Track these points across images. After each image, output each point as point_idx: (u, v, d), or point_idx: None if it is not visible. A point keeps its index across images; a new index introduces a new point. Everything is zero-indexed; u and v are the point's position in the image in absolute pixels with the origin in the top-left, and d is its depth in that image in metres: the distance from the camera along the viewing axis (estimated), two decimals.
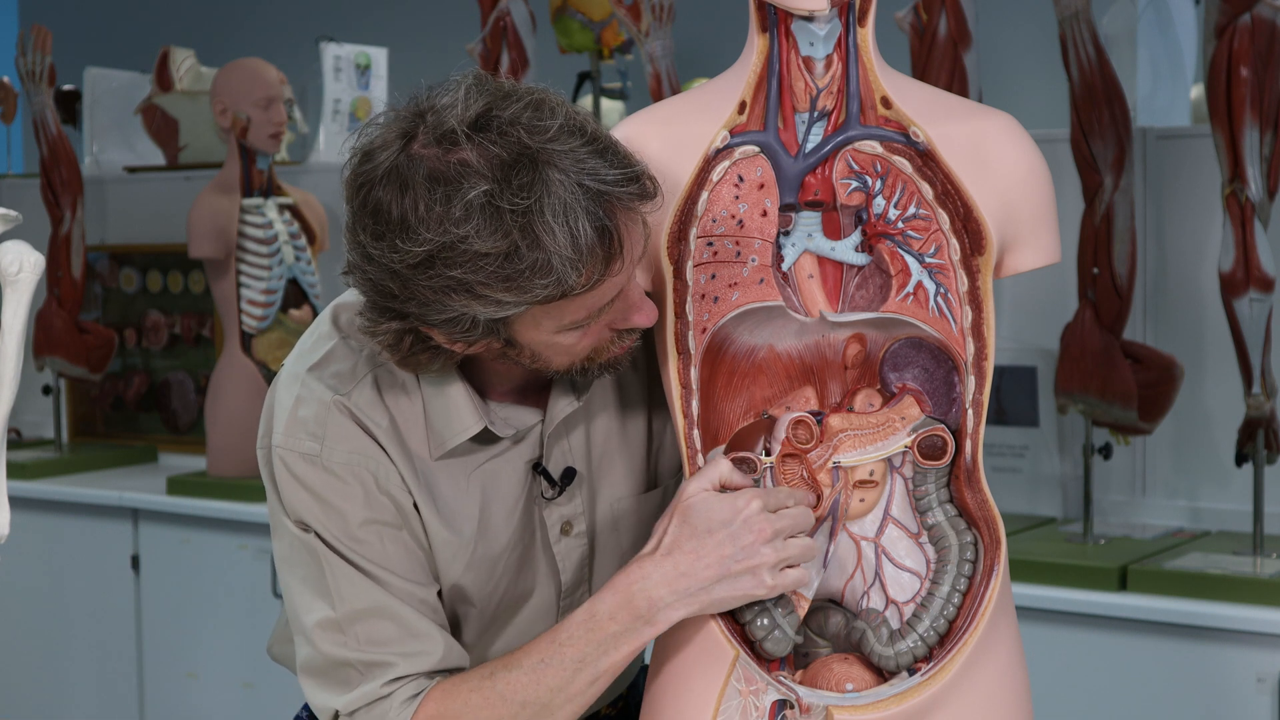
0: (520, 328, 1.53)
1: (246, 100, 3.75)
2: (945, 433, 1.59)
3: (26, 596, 4.05)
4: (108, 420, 4.59)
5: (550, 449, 1.69)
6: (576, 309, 1.51)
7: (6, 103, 4.77)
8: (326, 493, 1.62)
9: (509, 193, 1.43)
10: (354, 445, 1.62)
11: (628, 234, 1.49)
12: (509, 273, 1.45)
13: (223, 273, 3.80)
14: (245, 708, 3.73)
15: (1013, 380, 3.20)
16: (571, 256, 1.44)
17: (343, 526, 1.62)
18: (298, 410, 1.63)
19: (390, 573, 1.62)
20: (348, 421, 1.62)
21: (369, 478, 1.62)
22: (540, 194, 1.44)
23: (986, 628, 1.55)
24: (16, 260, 1.48)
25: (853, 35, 1.56)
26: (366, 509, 1.62)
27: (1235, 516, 3.02)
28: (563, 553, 1.72)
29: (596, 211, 1.45)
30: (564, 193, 1.44)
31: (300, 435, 1.63)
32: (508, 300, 1.47)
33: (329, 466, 1.62)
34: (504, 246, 1.44)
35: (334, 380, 1.64)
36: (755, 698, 1.55)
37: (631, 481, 1.76)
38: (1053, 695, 2.65)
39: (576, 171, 1.45)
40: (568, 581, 1.73)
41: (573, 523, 1.72)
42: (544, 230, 1.43)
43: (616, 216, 1.47)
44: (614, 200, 1.47)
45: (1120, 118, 2.82)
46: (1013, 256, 1.59)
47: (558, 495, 1.70)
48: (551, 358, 1.57)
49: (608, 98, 4.11)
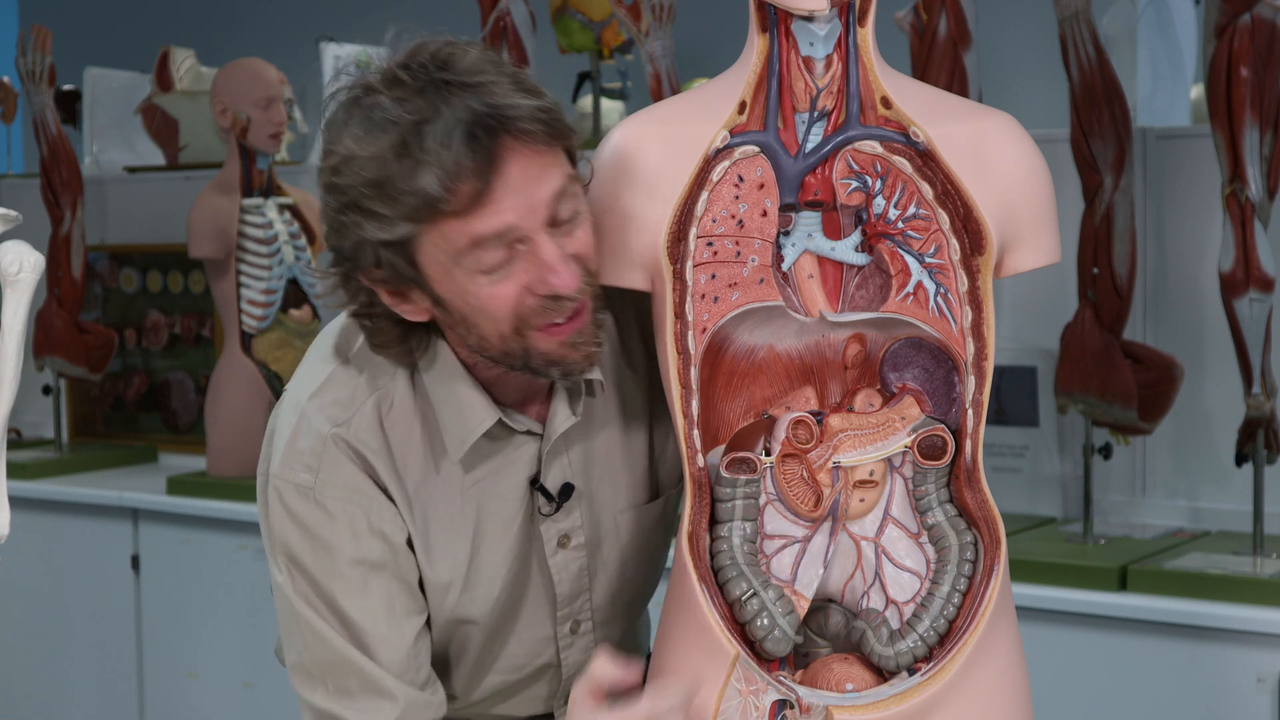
0: (429, 271, 1.53)
1: (246, 100, 3.75)
2: (945, 433, 1.59)
3: (26, 596, 4.05)
4: (108, 420, 4.59)
5: (548, 464, 1.69)
6: (459, 235, 1.49)
7: (6, 103, 4.77)
8: (316, 527, 1.62)
9: (398, 106, 1.48)
10: (349, 480, 1.62)
11: (517, 165, 1.48)
12: (381, 179, 1.47)
13: (223, 273, 3.80)
14: (245, 708, 3.73)
15: (1013, 380, 3.20)
16: (438, 168, 1.45)
17: (328, 562, 1.62)
18: (296, 440, 1.64)
19: (365, 619, 1.62)
20: (344, 456, 1.63)
21: (360, 516, 1.62)
22: (426, 109, 1.47)
23: (986, 628, 1.55)
24: (16, 260, 1.48)
25: (853, 35, 1.56)
26: (354, 547, 1.62)
27: (1235, 516, 3.01)
28: (559, 565, 1.72)
29: (478, 133, 1.46)
30: (450, 111, 1.47)
31: (296, 466, 1.63)
32: (385, 214, 1.49)
33: (321, 500, 1.62)
34: (378, 150, 1.47)
35: (334, 409, 1.64)
36: (755, 698, 1.55)
37: (633, 493, 1.76)
38: (1053, 695, 2.65)
39: (474, 96, 1.48)
40: (563, 593, 1.74)
41: (571, 535, 1.72)
42: (416, 138, 1.46)
43: (503, 143, 1.47)
44: (506, 128, 1.47)
45: (1120, 118, 2.82)
46: (1013, 256, 1.59)
47: (555, 512, 1.70)
48: (480, 322, 1.55)
49: (608, 98, 4.11)
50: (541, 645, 1.76)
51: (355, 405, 1.64)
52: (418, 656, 1.65)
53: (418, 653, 1.65)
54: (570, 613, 1.75)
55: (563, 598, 1.74)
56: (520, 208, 1.50)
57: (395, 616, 1.64)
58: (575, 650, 1.77)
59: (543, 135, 1.50)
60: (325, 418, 1.64)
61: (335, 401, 1.64)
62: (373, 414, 1.64)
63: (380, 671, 1.62)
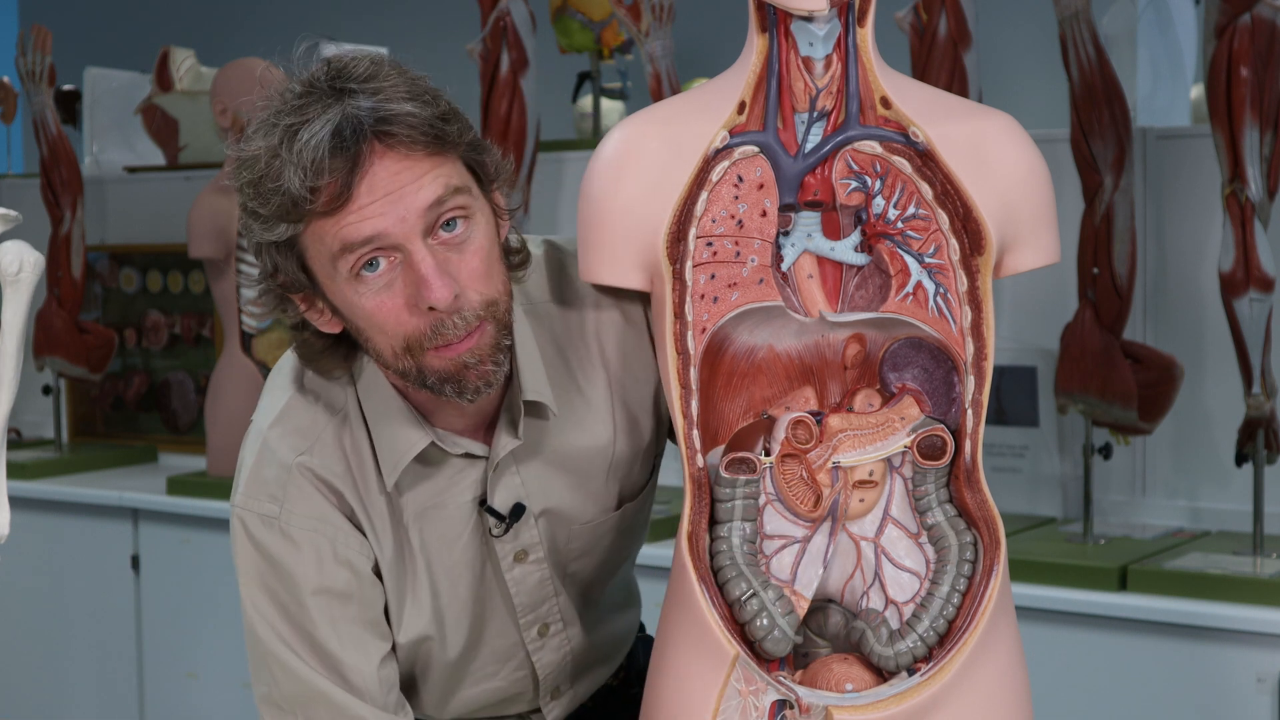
0: (319, 276, 1.54)
1: (247, 100, 3.74)
2: (945, 433, 1.59)
3: (26, 596, 4.05)
4: (108, 420, 4.59)
5: (494, 485, 1.68)
6: (331, 237, 1.49)
7: (6, 103, 4.77)
8: (281, 556, 1.62)
9: (285, 112, 1.50)
10: (314, 510, 1.63)
11: (385, 171, 1.48)
12: (256, 178, 1.49)
13: (222, 273, 3.80)
14: (245, 708, 3.73)
15: (1013, 380, 3.20)
16: (301, 168, 1.46)
17: (294, 591, 1.62)
18: (260, 470, 1.64)
19: (333, 646, 1.62)
20: (310, 486, 1.63)
21: (326, 545, 1.63)
22: (308, 113, 1.48)
23: (986, 628, 1.55)
24: (16, 260, 1.48)
25: (852, 35, 1.56)
26: (319, 576, 1.62)
27: (1235, 516, 3.01)
28: (516, 579, 1.72)
29: (345, 133, 1.46)
30: (328, 114, 1.47)
31: (260, 496, 1.63)
32: (263, 213, 1.50)
33: (286, 530, 1.62)
34: (258, 152, 1.49)
35: (295, 438, 1.64)
36: (755, 698, 1.55)
37: (598, 502, 1.75)
38: (1053, 695, 2.65)
39: (357, 100, 1.48)
40: (522, 603, 1.74)
41: (529, 550, 1.72)
42: (288, 140, 1.47)
43: (370, 146, 1.47)
44: (377, 130, 1.47)
45: (1120, 118, 2.82)
46: (1012, 256, 1.59)
47: (504, 533, 1.69)
48: (373, 336, 1.55)
49: (608, 98, 4.11)
50: (511, 650, 1.77)
51: (316, 432, 1.64)
52: (386, 681, 1.66)
53: (387, 676, 1.66)
54: (536, 618, 1.75)
55: (522, 607, 1.74)
56: (390, 214, 1.49)
57: (362, 643, 1.64)
58: (547, 651, 1.78)
59: (417, 141, 1.49)
60: (288, 446, 1.64)
61: (296, 429, 1.64)
62: (334, 440, 1.65)
63: (350, 699, 1.62)
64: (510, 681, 1.79)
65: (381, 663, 1.65)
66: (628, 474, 1.77)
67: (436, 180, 1.50)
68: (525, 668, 1.78)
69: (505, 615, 1.74)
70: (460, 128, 1.54)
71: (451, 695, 1.78)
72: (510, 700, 1.81)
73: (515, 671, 1.78)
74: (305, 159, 1.46)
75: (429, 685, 1.76)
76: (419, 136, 1.49)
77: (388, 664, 1.67)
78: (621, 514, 1.78)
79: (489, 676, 1.77)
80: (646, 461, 1.79)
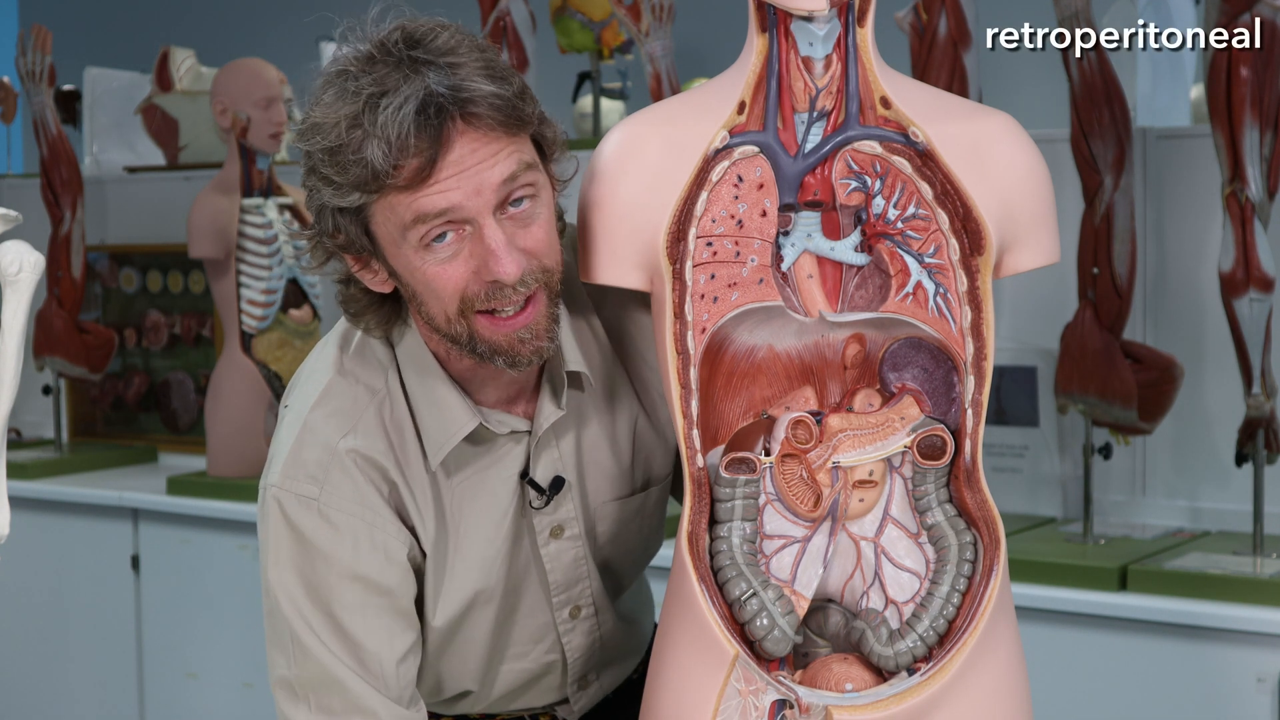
0: (382, 241, 1.55)
1: (246, 100, 3.75)
2: (944, 433, 1.59)
3: (26, 596, 4.05)
4: (108, 420, 4.59)
5: (537, 457, 1.70)
6: (405, 210, 1.51)
7: (6, 103, 4.77)
8: (317, 538, 1.62)
9: (364, 79, 1.50)
10: (355, 495, 1.63)
11: (466, 147, 1.50)
12: (336, 147, 1.50)
13: (223, 273, 3.80)
14: (245, 708, 3.73)
15: (1013, 380, 3.20)
16: (385, 142, 1.47)
17: (326, 574, 1.62)
18: (300, 452, 1.64)
19: (359, 632, 1.62)
20: (353, 470, 1.63)
21: (364, 530, 1.63)
22: (387, 83, 1.49)
23: (986, 628, 1.55)
24: (16, 260, 1.48)
25: (852, 35, 1.56)
26: (354, 561, 1.62)
27: (1235, 516, 3.01)
28: (551, 554, 1.73)
29: (429, 111, 1.48)
30: (407, 87, 1.49)
31: (300, 477, 1.63)
32: (339, 181, 1.51)
33: (325, 512, 1.62)
34: (336, 119, 1.50)
35: (338, 419, 1.65)
36: (755, 697, 1.55)
37: (619, 485, 1.77)
38: (1053, 695, 2.65)
39: (437, 75, 1.49)
40: (557, 581, 1.75)
41: (565, 526, 1.73)
42: (370, 111, 1.48)
43: (453, 124, 1.49)
44: (460, 109, 1.49)
45: (1120, 118, 2.82)
46: (1012, 256, 1.59)
47: (546, 504, 1.70)
48: (428, 300, 1.57)
49: (608, 98, 4.11)
50: (543, 630, 1.78)
51: (358, 413, 1.65)
52: (406, 674, 1.66)
53: (406, 670, 1.66)
54: (569, 599, 1.76)
55: (556, 585, 1.75)
56: (465, 189, 1.51)
57: (389, 633, 1.64)
58: (577, 634, 1.79)
59: (498, 121, 1.51)
60: (332, 428, 1.64)
61: (338, 410, 1.65)
62: (375, 419, 1.65)
63: (366, 689, 1.62)
64: (541, 665, 1.80)
65: (403, 656, 1.65)
66: (651, 454, 1.79)
67: (511, 157, 1.53)
68: (555, 651, 1.79)
69: (539, 592, 1.75)
70: (533, 106, 1.57)
71: (487, 672, 1.78)
72: (539, 684, 1.82)
73: (546, 654, 1.79)
74: (390, 133, 1.48)
75: (467, 662, 1.76)
76: (500, 117, 1.51)
77: (409, 659, 1.67)
78: (646, 496, 1.79)
79: (520, 657, 1.78)
80: (668, 451, 1.81)
